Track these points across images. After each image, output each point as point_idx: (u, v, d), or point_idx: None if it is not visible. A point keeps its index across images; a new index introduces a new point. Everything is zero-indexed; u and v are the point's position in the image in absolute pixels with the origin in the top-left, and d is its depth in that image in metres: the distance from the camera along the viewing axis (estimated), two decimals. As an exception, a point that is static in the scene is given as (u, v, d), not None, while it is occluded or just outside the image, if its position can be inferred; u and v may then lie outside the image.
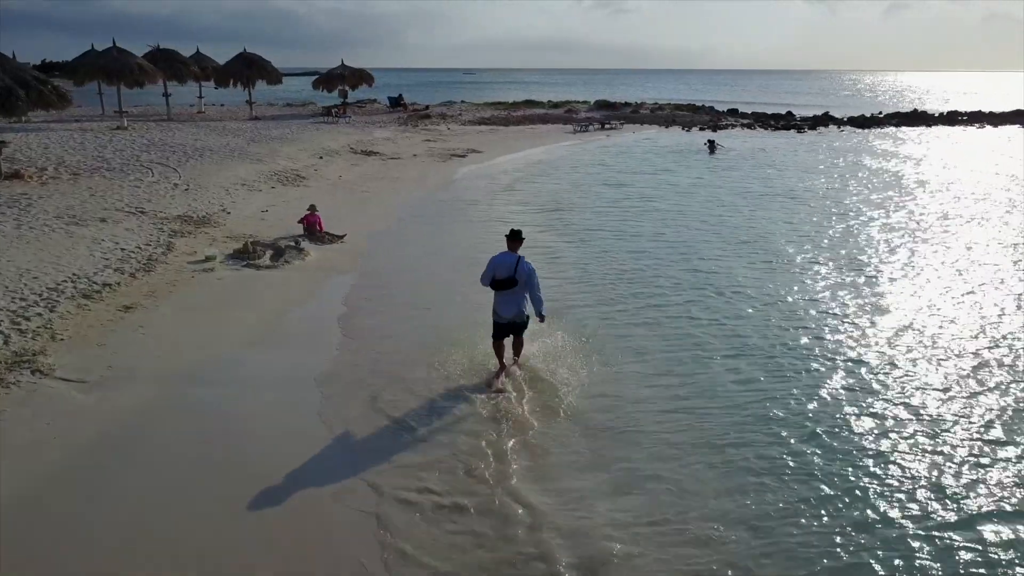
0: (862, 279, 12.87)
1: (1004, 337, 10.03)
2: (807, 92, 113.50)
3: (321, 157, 25.68)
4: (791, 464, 6.83)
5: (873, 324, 10.56)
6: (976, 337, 10.05)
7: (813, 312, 11.11)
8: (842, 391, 8.38)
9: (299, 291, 11.62)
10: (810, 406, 8.00)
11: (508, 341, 8.58)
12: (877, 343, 9.84)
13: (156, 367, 8.58)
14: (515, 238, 8.28)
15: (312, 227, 15.02)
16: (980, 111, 54.99)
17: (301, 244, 14.09)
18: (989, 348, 9.66)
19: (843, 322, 10.65)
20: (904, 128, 46.96)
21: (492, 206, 18.92)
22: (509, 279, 8.07)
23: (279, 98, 58.31)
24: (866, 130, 45.41)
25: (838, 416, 7.79)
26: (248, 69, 39.26)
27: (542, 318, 8.41)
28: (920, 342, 9.87)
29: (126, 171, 19.70)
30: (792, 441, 7.24)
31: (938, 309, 11.24)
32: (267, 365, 8.83)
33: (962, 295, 11.97)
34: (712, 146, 32.01)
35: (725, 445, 7.15)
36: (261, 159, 23.69)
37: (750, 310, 11.18)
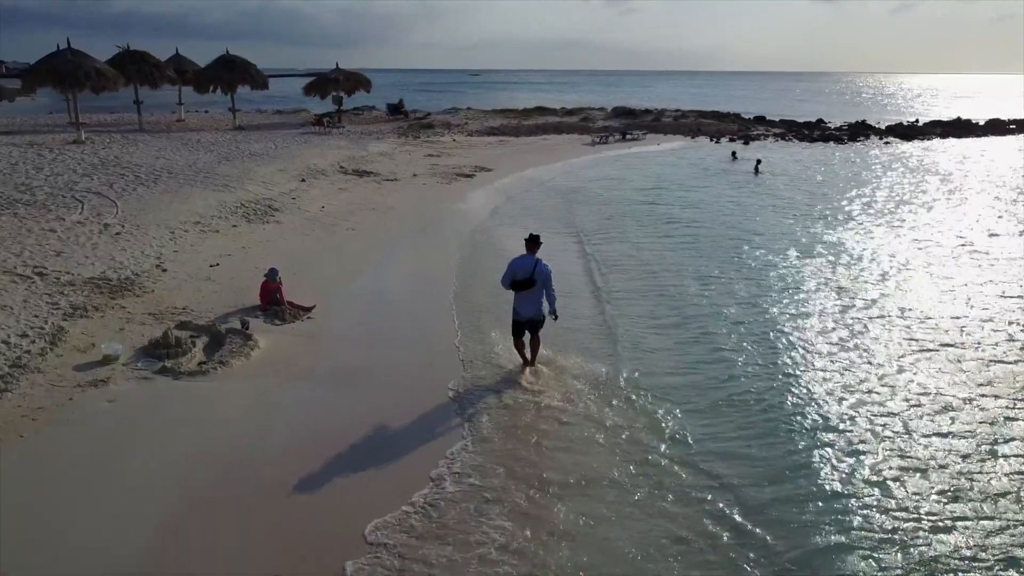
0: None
1: None
2: (825, 96, 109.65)
3: (303, 180, 21.67)
4: None
5: None
6: None
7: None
8: None
9: (231, 425, 7.59)
10: None
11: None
12: None
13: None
14: (533, 242, 8.81)
15: (271, 297, 11.02)
16: (1027, 119, 51.00)
17: (249, 326, 10.10)
18: None
19: None
20: (951, 139, 42.83)
21: (503, 245, 14.63)
22: (527, 280, 8.60)
23: (273, 101, 54.54)
24: (910, 141, 41.29)
25: None
26: (230, 73, 35.35)
27: (555, 315, 8.86)
28: None
29: (49, 205, 15.71)
30: None
31: None
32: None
33: None
34: (756, 165, 27.90)
35: None
36: (229, 184, 19.69)
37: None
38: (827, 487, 6.75)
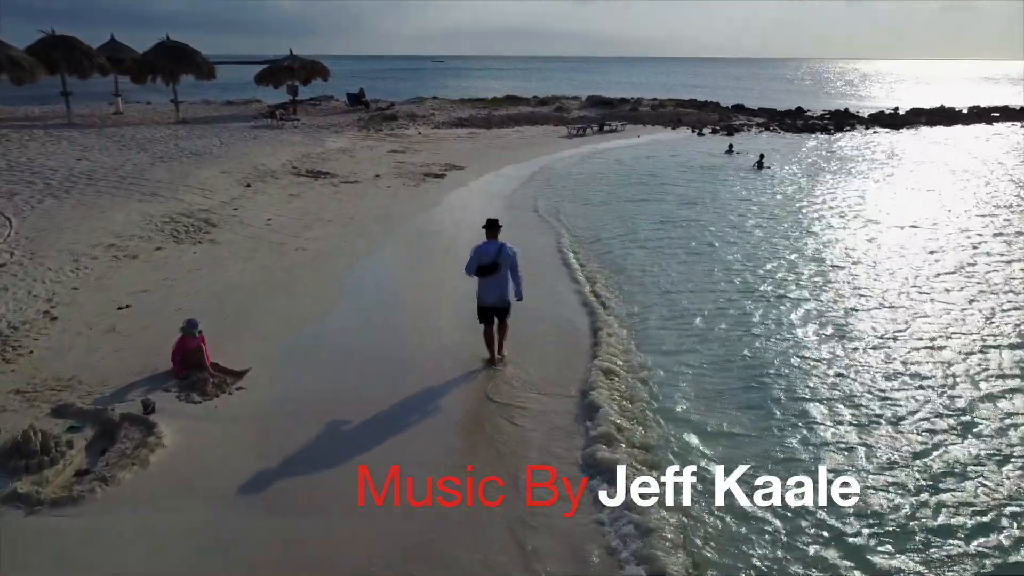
0: None
1: None
2: (791, 83, 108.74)
3: (249, 184, 18.77)
4: None
5: None
6: None
7: None
8: None
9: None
10: None
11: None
12: None
13: None
14: (493, 227, 8.67)
15: (190, 359, 8.33)
16: (1008, 107, 49.89)
17: (154, 408, 7.43)
18: None
19: None
20: (939, 127, 41.32)
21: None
22: (492, 264, 8.49)
23: (224, 91, 50.68)
24: (897, 131, 39.59)
25: None
26: (172, 62, 31.96)
27: (519, 297, 8.77)
28: None
29: (-77, 227, 12.74)
30: None
31: None
32: None
33: None
34: (759, 161, 25.63)
35: None
36: (159, 192, 16.77)
37: None
38: None
